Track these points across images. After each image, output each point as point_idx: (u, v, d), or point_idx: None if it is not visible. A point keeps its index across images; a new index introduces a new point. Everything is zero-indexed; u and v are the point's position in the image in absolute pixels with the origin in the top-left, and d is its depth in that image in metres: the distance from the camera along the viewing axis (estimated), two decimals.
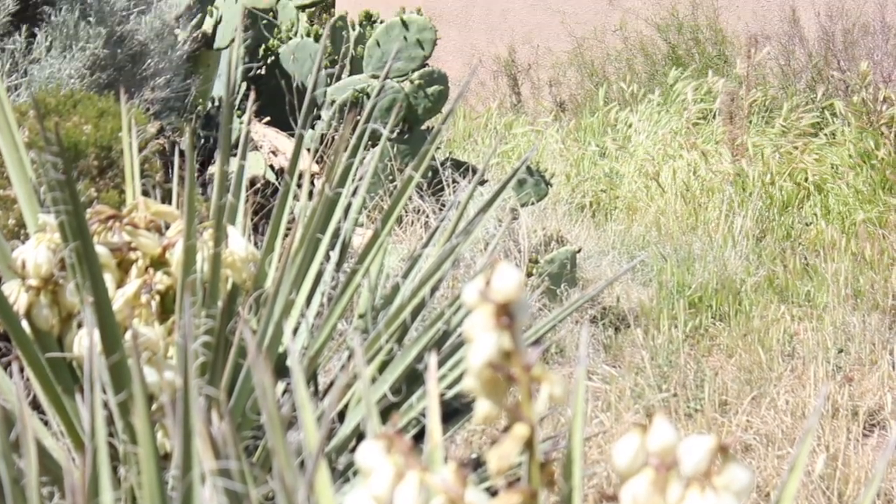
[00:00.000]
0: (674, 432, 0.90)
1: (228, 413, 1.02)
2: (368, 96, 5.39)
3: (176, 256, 1.62)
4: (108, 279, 1.59)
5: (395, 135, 5.53)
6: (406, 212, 5.29)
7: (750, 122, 8.13)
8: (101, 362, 1.45)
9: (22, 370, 1.60)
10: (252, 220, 4.44)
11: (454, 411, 1.79)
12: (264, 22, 5.61)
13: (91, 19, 4.10)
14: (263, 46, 5.59)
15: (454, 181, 5.55)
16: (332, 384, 1.90)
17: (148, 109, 4.33)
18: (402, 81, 5.56)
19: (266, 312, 1.65)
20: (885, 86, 7.91)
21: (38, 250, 1.61)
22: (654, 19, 9.89)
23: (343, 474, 1.63)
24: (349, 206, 1.85)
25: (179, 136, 4.41)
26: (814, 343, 4.82)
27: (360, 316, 1.88)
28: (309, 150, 4.95)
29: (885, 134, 7.55)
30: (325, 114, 5.46)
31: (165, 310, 1.63)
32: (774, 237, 6.73)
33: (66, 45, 4.02)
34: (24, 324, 1.60)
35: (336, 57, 5.66)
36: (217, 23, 5.41)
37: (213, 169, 4.64)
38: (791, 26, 8.89)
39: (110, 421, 1.43)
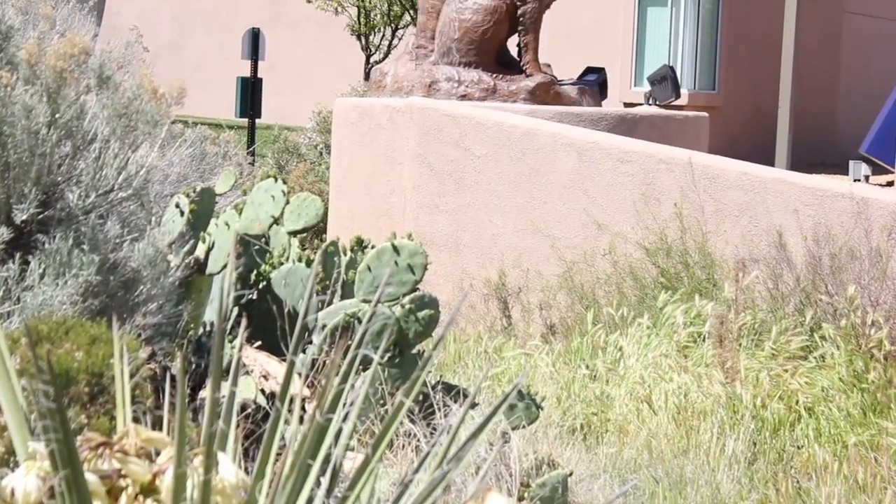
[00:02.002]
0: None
1: None
2: (360, 321, 5.42)
3: (166, 484, 1.62)
4: None
5: (385, 359, 5.54)
6: (397, 436, 5.27)
7: (740, 345, 8.16)
8: None
9: None
10: (243, 444, 4.42)
11: None
12: (256, 248, 5.67)
13: (84, 247, 4.15)
14: (255, 272, 5.63)
15: (445, 405, 5.54)
16: None
17: (140, 335, 4.35)
18: (393, 306, 5.60)
19: None
20: (873, 309, 7.97)
21: (28, 479, 1.60)
22: (644, 243, 9.99)
23: None
24: (340, 431, 1.85)
25: (171, 362, 4.41)
26: None
27: None
28: (300, 374, 4.95)
29: (874, 357, 7.58)
30: (317, 338, 5.48)
31: None
32: (766, 460, 6.69)
33: (60, 273, 4.05)
34: None
35: (327, 282, 5.70)
36: (209, 249, 5.47)
37: (205, 394, 4.62)
38: (778, 251, 8.99)
39: None
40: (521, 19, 12.13)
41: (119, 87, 4.74)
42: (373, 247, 5.86)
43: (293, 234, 5.90)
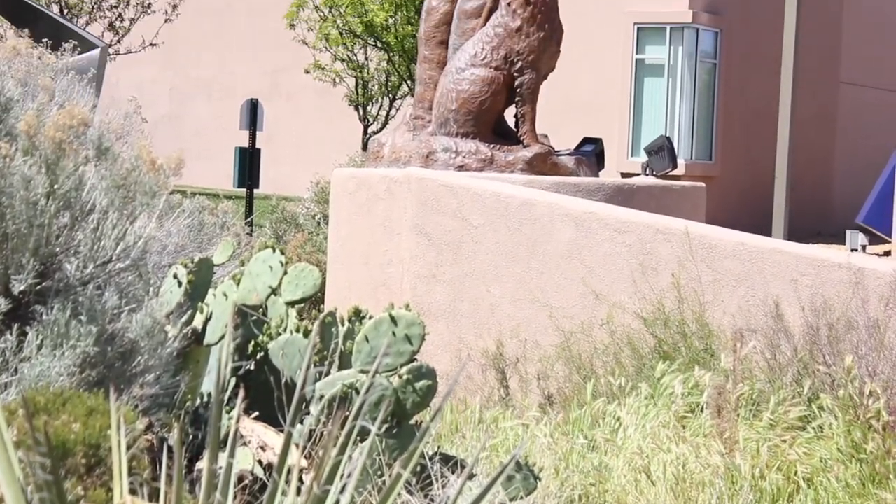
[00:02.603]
0: None
1: None
2: (357, 392, 5.41)
3: None
4: None
5: (383, 430, 5.52)
6: None
7: (738, 415, 8.14)
8: None
9: None
10: None
11: None
12: (254, 318, 5.67)
13: (82, 318, 4.15)
14: (253, 342, 5.63)
15: (443, 476, 5.52)
16: None
17: (137, 406, 4.34)
18: (391, 377, 5.59)
19: None
20: (871, 380, 7.96)
21: None
22: (641, 313, 9.99)
23: None
24: (338, 503, 1.85)
25: (168, 433, 4.40)
26: None
27: None
28: (298, 445, 4.93)
29: (873, 427, 7.56)
30: (314, 409, 5.47)
31: None
32: None
33: (57, 344, 4.05)
34: None
35: (325, 352, 5.70)
36: (207, 319, 5.47)
37: (202, 465, 4.61)
38: (776, 321, 8.99)
39: None
40: (518, 90, 12.20)
41: (118, 158, 4.76)
42: (370, 317, 5.86)
43: (291, 304, 5.91)
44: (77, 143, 4.37)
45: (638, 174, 19.15)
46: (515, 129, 12.40)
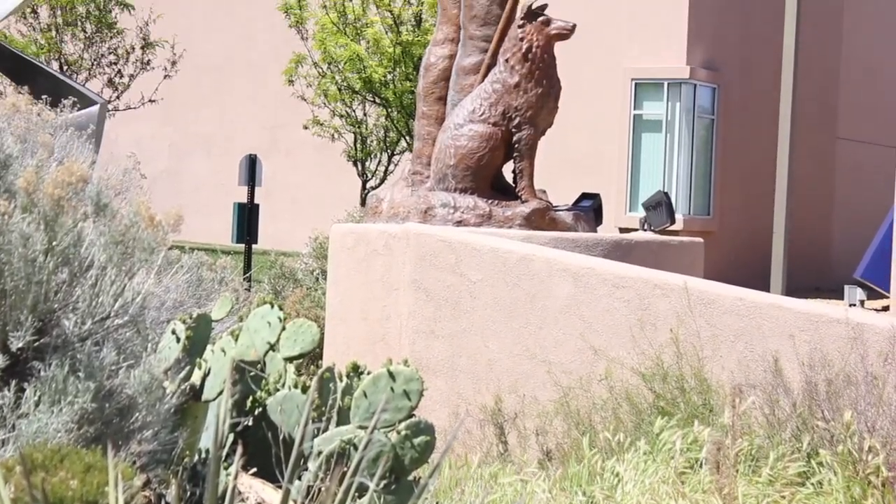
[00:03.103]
0: None
1: None
2: (356, 447, 5.40)
3: None
4: None
5: (381, 486, 5.51)
6: None
7: (737, 471, 8.12)
8: None
9: None
10: None
11: None
12: (252, 374, 5.66)
13: (80, 374, 4.15)
14: (251, 398, 5.62)
15: None
16: None
17: (135, 462, 4.33)
18: (389, 432, 5.58)
19: None
20: (870, 435, 7.94)
21: None
22: (640, 369, 9.98)
23: None
24: None
25: (166, 489, 4.39)
26: None
27: None
28: (296, 502, 4.92)
29: (872, 483, 7.54)
30: (313, 465, 5.45)
31: None
32: None
33: (55, 400, 4.05)
34: None
35: (323, 408, 5.69)
36: (205, 375, 5.46)
37: None
38: (775, 376, 8.98)
39: None
40: (516, 146, 12.24)
41: (116, 215, 4.77)
42: (369, 373, 5.86)
43: (289, 360, 5.90)
44: (76, 200, 4.39)
45: (636, 229, 19.18)
46: (514, 185, 12.43)
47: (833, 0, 27.69)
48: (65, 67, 26.38)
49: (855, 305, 19.46)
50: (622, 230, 21.79)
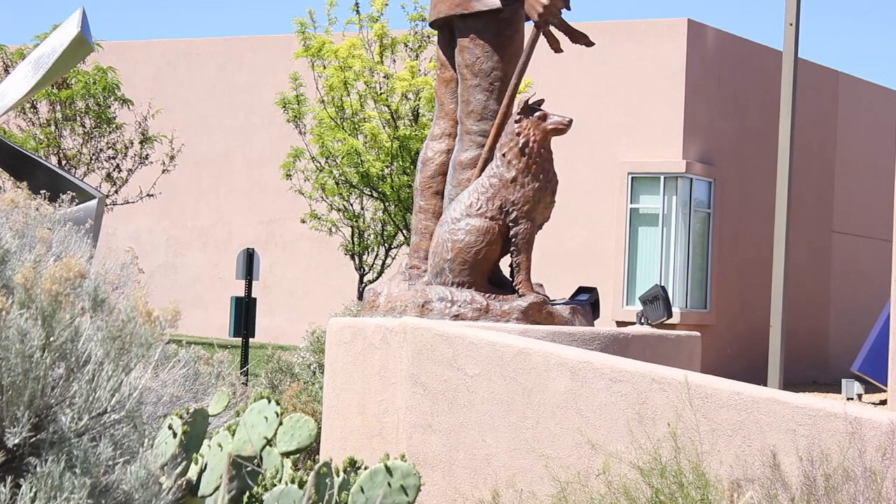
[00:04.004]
0: None
1: None
2: None
3: None
4: None
5: None
6: None
7: None
8: None
9: None
10: None
11: None
12: (249, 469, 5.65)
13: (76, 470, 4.14)
14: (248, 494, 5.60)
15: None
16: None
17: None
18: None
19: None
20: None
21: None
22: (638, 463, 9.95)
23: None
24: None
25: None
26: None
27: None
28: None
29: None
30: None
31: None
32: None
33: (51, 496, 4.04)
34: None
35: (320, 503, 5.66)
36: (202, 471, 5.44)
37: None
38: (773, 471, 8.94)
39: None
40: (513, 240, 12.28)
41: (114, 310, 4.78)
42: (366, 468, 5.84)
43: (286, 455, 5.88)
44: (73, 296, 4.40)
45: (633, 323, 19.20)
46: (511, 279, 12.46)
47: (828, 95, 27.92)
48: (63, 162, 26.52)
49: (853, 399, 19.43)
50: (619, 324, 21.81)
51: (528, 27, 12.37)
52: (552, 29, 12.43)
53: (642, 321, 18.05)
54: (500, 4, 12.36)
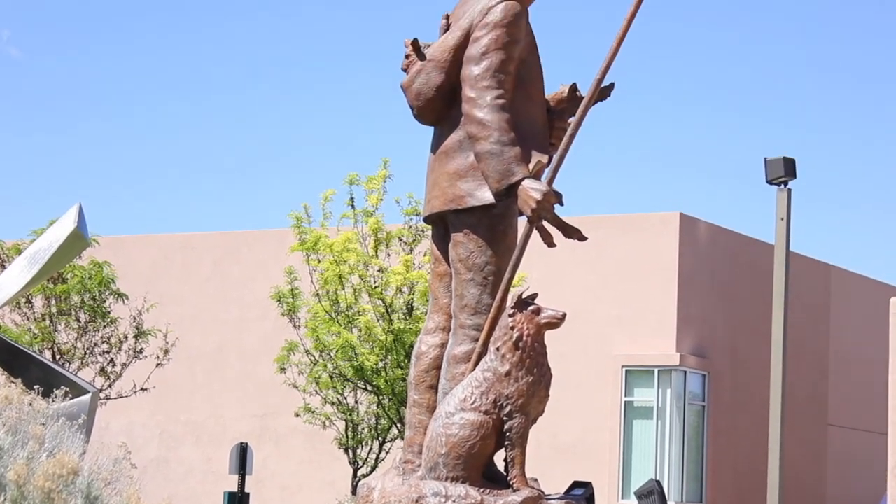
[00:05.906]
0: None
1: None
2: None
3: None
4: None
5: None
6: None
7: None
8: None
9: None
10: None
11: None
12: None
13: None
14: None
15: None
16: None
17: None
18: None
19: None
20: None
21: None
22: None
23: None
24: None
25: None
26: None
27: None
28: None
29: None
30: None
31: None
32: None
33: None
34: None
35: None
36: None
37: None
38: None
39: None
40: (507, 434, 12.23)
41: None
42: None
43: None
44: (66, 493, 4.38)
45: None
46: (505, 473, 12.39)
47: (820, 288, 28.09)
48: (58, 356, 26.50)
49: None
50: None
51: (522, 221, 12.52)
52: (545, 224, 12.57)
53: None
54: (494, 200, 12.53)
